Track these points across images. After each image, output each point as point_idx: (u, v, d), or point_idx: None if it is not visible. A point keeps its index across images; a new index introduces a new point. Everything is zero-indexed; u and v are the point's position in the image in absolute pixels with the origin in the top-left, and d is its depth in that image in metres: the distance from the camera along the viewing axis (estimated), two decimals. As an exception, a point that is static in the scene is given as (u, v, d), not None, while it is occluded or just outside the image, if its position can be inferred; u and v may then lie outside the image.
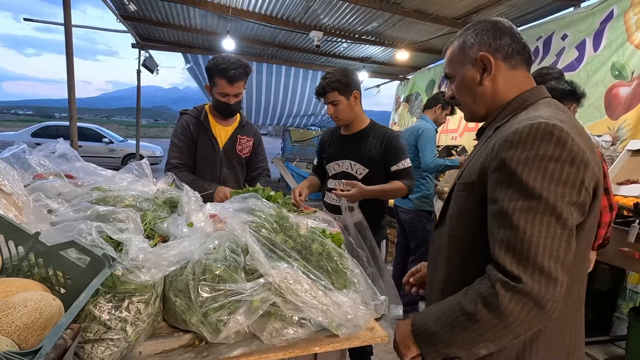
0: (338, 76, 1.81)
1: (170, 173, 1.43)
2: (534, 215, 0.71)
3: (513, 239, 0.72)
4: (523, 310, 0.70)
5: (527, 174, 0.72)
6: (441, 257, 0.96)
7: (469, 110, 0.98)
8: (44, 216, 1.00)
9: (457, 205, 0.91)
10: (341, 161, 1.95)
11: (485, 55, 0.88)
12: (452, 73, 0.97)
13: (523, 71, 0.92)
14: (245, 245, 0.98)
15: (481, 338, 0.75)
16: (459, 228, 0.90)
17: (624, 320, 2.69)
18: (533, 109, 0.84)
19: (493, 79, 0.90)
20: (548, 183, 0.71)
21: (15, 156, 1.30)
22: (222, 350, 0.89)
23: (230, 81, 1.79)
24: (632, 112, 3.08)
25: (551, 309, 0.70)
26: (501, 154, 0.76)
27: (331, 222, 1.30)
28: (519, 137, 0.74)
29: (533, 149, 0.72)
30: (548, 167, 0.71)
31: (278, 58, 7.50)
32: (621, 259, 2.10)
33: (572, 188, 0.71)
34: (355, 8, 4.75)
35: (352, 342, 0.98)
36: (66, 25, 3.49)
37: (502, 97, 0.91)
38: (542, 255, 0.70)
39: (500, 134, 0.81)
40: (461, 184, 0.90)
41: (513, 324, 0.71)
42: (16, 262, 0.82)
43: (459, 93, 0.97)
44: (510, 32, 0.90)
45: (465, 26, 0.96)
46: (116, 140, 11.73)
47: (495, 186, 0.77)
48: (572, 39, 3.94)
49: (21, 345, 0.59)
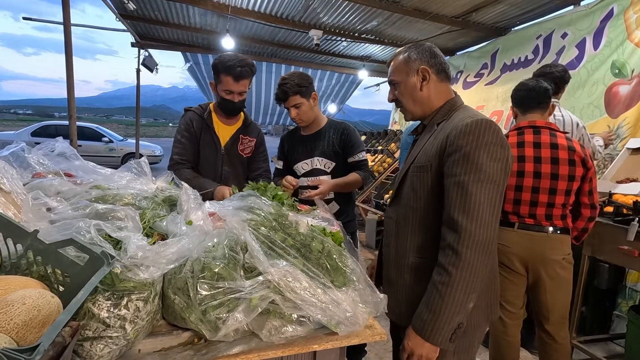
0: (297, 80, 1.90)
1: (169, 171, 1.42)
2: (481, 184, 0.98)
3: (467, 201, 0.97)
4: (475, 251, 0.96)
5: (477, 154, 0.99)
6: (401, 227, 1.19)
7: (409, 110, 1.23)
8: (42, 214, 1.00)
9: (413, 183, 1.14)
10: (309, 160, 2.07)
11: (425, 68, 1.16)
12: (397, 80, 1.21)
13: (447, 84, 1.21)
14: (244, 243, 0.98)
15: (464, 292, 0.97)
16: (416, 200, 1.13)
17: (624, 319, 2.70)
18: (463, 110, 1.13)
19: (429, 88, 1.17)
20: (489, 160, 0.99)
21: (14, 155, 1.29)
22: (221, 348, 0.88)
23: (236, 78, 1.80)
24: (632, 110, 3.08)
25: (492, 247, 0.99)
26: (457, 141, 1.01)
27: (330, 221, 1.30)
28: (469, 129, 1.01)
29: (480, 137, 1.00)
30: (489, 149, 0.99)
31: (278, 57, 7.50)
32: (620, 257, 2.10)
33: (503, 163, 1.00)
34: (354, 7, 4.74)
35: (351, 339, 0.98)
36: (65, 24, 3.48)
37: (434, 102, 1.18)
38: (485, 212, 0.97)
39: (450, 127, 1.06)
40: (416, 166, 1.14)
41: (475, 266, 0.96)
42: (15, 260, 0.82)
43: (402, 97, 1.22)
44: (440, 55, 1.20)
45: (406, 46, 1.23)
46: (116, 140, 11.72)
47: (453, 164, 1.01)
48: (572, 37, 3.93)
49: (19, 343, 0.59)
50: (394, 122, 7.77)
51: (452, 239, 0.98)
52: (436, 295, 1.00)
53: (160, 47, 7.11)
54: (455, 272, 0.97)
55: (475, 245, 0.96)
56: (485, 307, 1.14)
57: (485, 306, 1.14)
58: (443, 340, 1.00)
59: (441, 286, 0.99)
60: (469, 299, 0.99)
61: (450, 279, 0.97)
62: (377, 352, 2.52)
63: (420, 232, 1.13)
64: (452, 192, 1.01)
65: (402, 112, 1.27)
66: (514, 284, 1.93)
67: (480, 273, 0.98)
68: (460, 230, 0.97)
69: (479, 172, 0.98)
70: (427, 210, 1.11)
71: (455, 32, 5.24)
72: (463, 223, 0.97)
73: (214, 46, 6.82)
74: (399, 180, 1.23)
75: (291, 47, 6.70)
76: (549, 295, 1.86)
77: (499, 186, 0.99)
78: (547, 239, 1.83)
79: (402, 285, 1.18)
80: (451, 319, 0.98)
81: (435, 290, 1.00)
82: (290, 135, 2.21)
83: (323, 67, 7.99)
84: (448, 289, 0.98)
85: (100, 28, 6.67)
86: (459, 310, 0.98)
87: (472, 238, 0.96)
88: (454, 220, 0.99)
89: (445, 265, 0.99)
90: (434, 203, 1.09)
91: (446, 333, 0.99)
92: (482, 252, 0.97)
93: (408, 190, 1.16)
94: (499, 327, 2.01)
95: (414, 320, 1.06)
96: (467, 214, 0.97)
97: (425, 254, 1.12)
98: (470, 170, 0.98)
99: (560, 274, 1.83)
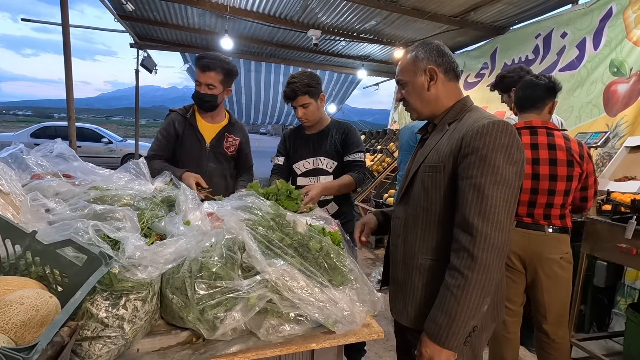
0: (307, 80, 1.91)
1: (167, 172, 1.43)
2: (498, 187, 0.96)
3: (484, 204, 0.96)
4: (491, 254, 0.95)
5: (494, 156, 0.97)
6: (410, 228, 1.16)
7: (417, 110, 1.20)
8: (41, 215, 1.01)
9: (424, 183, 1.12)
10: (312, 159, 2.08)
11: (433, 68, 1.13)
12: (404, 79, 1.19)
13: (456, 83, 1.18)
14: (242, 242, 0.99)
15: (479, 295, 0.95)
16: (427, 200, 1.11)
17: (622, 316, 2.70)
18: (475, 111, 1.12)
19: (437, 87, 1.15)
20: (506, 163, 0.98)
21: (12, 156, 1.30)
22: (219, 347, 0.89)
23: (202, 69, 1.94)
24: (630, 108, 3.09)
25: (506, 250, 0.97)
26: (474, 143, 1.00)
27: (328, 220, 1.31)
28: (486, 130, 0.99)
29: (496, 139, 0.98)
30: (506, 152, 0.98)
31: (276, 57, 7.50)
32: (619, 255, 2.11)
33: (519, 166, 1.00)
34: (353, 6, 4.75)
35: (349, 338, 0.98)
36: (64, 25, 3.49)
37: (443, 101, 1.16)
38: (501, 214, 0.96)
39: (465, 128, 1.04)
40: (427, 166, 1.12)
41: (490, 268, 0.95)
42: (13, 260, 0.82)
43: (410, 96, 1.19)
44: (449, 53, 1.17)
45: (414, 44, 1.20)
46: (115, 140, 11.71)
47: (469, 166, 0.99)
48: (572, 37, 3.93)
49: (18, 342, 0.60)
50: (393, 122, 7.77)
51: (467, 241, 0.96)
52: (451, 299, 0.97)
53: (159, 47, 7.11)
54: (471, 275, 0.95)
55: (491, 248, 0.94)
56: (493, 309, 1.13)
57: (492, 308, 1.13)
58: (458, 344, 0.98)
59: (456, 289, 0.97)
60: (484, 302, 0.97)
61: (466, 283, 0.95)
62: (377, 350, 2.53)
63: (430, 233, 1.11)
64: (467, 194, 0.99)
65: (409, 111, 1.25)
66: (514, 281, 1.93)
67: (495, 276, 0.96)
68: (476, 233, 0.95)
69: (495, 175, 0.96)
70: (439, 210, 1.09)
71: (453, 32, 5.25)
72: (479, 226, 0.95)
73: (213, 46, 6.82)
74: (408, 180, 1.20)
75: (290, 47, 6.71)
76: (546, 294, 1.86)
77: (514, 189, 0.98)
78: (545, 238, 1.83)
79: (411, 287, 1.15)
80: (467, 322, 0.97)
81: (450, 293, 0.98)
82: (293, 133, 2.20)
83: (322, 67, 7.99)
84: (464, 293, 0.95)
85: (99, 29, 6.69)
86: (474, 313, 0.96)
87: (488, 241, 0.94)
88: (469, 223, 0.97)
89: (460, 268, 0.97)
90: (447, 203, 1.07)
91: (462, 337, 0.98)
92: (497, 255, 0.95)
93: (419, 190, 1.14)
94: (499, 325, 2.01)
95: (427, 325, 1.03)
96: (483, 216, 0.95)
97: (435, 255, 1.10)
98: (486, 173, 0.97)
99: (558, 273, 1.83)
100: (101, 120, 76.15)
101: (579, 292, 2.37)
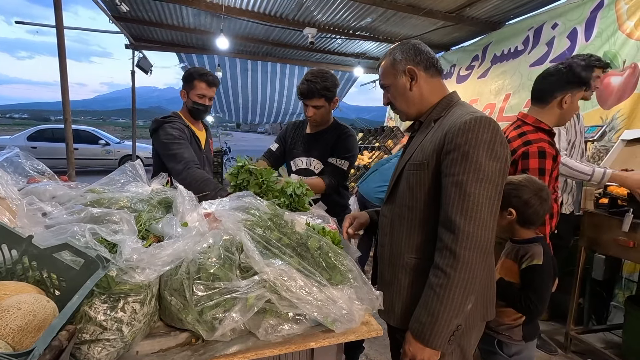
0: (327, 83, 1.86)
1: (164, 173, 1.43)
2: (480, 184, 0.95)
3: (466, 202, 0.95)
4: (474, 253, 0.94)
5: (476, 153, 0.95)
6: (396, 227, 1.16)
7: (404, 112, 1.20)
8: (37, 219, 1.00)
9: (409, 181, 1.11)
10: (305, 158, 2.09)
11: (412, 68, 1.13)
12: (387, 83, 1.19)
13: (439, 79, 1.18)
14: (240, 243, 0.99)
15: (462, 294, 0.95)
16: (412, 199, 1.11)
17: (621, 309, 2.72)
18: (460, 107, 1.10)
19: (419, 86, 1.14)
20: (488, 159, 0.95)
21: (8, 160, 1.29)
22: (219, 348, 0.89)
23: (209, 84, 2.05)
24: (626, 101, 3.09)
25: (490, 248, 0.97)
26: (456, 139, 0.98)
27: (326, 218, 1.31)
28: (468, 127, 0.97)
29: (479, 135, 0.96)
30: (488, 148, 0.96)
31: (273, 56, 7.48)
32: (616, 248, 2.12)
33: (502, 162, 0.98)
34: (348, 4, 4.73)
35: (348, 336, 0.98)
36: (58, 27, 3.47)
37: (428, 99, 1.15)
38: (483, 212, 0.95)
39: (448, 124, 1.03)
40: (413, 164, 1.11)
41: (473, 267, 0.94)
42: (10, 265, 0.82)
43: (395, 99, 1.20)
44: (426, 50, 1.16)
45: (392, 47, 1.20)
46: (112, 142, 11.69)
47: (451, 163, 0.98)
48: (563, 27, 3.93)
49: (16, 348, 0.60)
50: (390, 119, 7.77)
51: (450, 239, 0.96)
52: (434, 298, 0.98)
53: (155, 48, 7.08)
54: (453, 274, 0.95)
55: (474, 246, 0.94)
56: (482, 308, 1.12)
57: (481, 307, 1.12)
58: (442, 343, 0.98)
59: (439, 288, 0.97)
60: (468, 301, 0.97)
61: (448, 281, 0.95)
62: (377, 348, 2.54)
63: (416, 232, 1.10)
64: (450, 191, 0.98)
65: (397, 114, 1.24)
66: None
67: (478, 274, 0.96)
68: (458, 232, 0.94)
69: (477, 172, 0.95)
70: (424, 209, 1.08)
71: (449, 27, 5.23)
72: (461, 224, 0.94)
73: (209, 46, 6.80)
74: (394, 179, 1.20)
75: (286, 45, 6.68)
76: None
77: (497, 186, 0.97)
78: None
79: (397, 286, 1.15)
80: (450, 321, 0.97)
81: (432, 292, 0.98)
82: (296, 128, 2.19)
83: (318, 65, 7.97)
84: (446, 292, 0.96)
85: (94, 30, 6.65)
86: (457, 312, 0.96)
87: (470, 239, 0.94)
88: (451, 221, 0.96)
89: (442, 267, 0.97)
90: (431, 202, 1.06)
91: (445, 336, 0.98)
92: (480, 253, 0.95)
93: (404, 189, 1.13)
94: None
95: (412, 324, 1.04)
96: (465, 214, 0.94)
97: (420, 253, 1.10)
98: (469, 170, 0.95)
99: None
100: (98, 122, 75.91)
101: (578, 286, 2.38)
